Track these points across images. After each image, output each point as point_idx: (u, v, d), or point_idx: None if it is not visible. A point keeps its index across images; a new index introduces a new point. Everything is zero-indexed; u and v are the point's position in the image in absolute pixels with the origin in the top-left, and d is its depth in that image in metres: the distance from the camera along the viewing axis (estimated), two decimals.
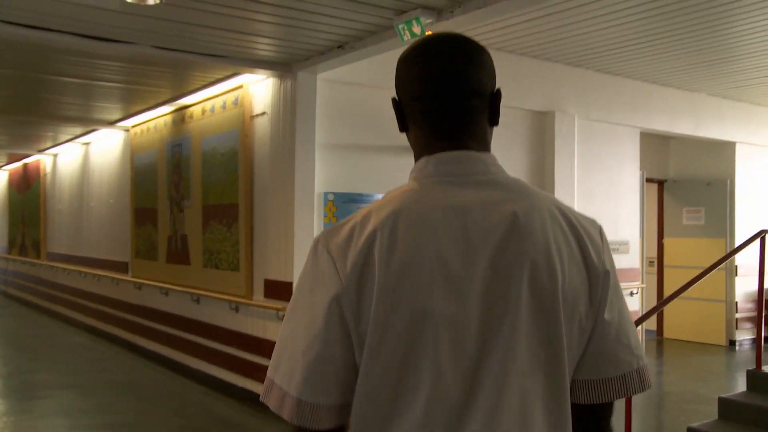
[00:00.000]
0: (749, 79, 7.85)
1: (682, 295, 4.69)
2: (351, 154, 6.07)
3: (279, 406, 1.07)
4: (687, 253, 9.40)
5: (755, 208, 9.44)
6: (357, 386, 1.05)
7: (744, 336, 9.34)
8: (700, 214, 9.37)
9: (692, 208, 9.45)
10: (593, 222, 1.17)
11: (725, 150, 9.21)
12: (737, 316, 9.19)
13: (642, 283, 8.23)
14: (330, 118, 5.95)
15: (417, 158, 1.17)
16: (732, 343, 9.20)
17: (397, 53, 1.27)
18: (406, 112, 1.18)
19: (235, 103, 6.53)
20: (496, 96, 1.17)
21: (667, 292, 9.24)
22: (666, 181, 9.77)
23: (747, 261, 9.26)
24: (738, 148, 9.16)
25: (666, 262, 9.68)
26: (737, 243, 9.14)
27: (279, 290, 5.96)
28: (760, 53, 6.72)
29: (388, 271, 1.02)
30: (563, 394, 1.08)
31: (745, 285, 9.28)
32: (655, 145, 9.38)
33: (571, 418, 1.09)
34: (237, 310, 6.51)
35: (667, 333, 9.77)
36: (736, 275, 9.13)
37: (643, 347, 1.23)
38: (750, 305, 9.36)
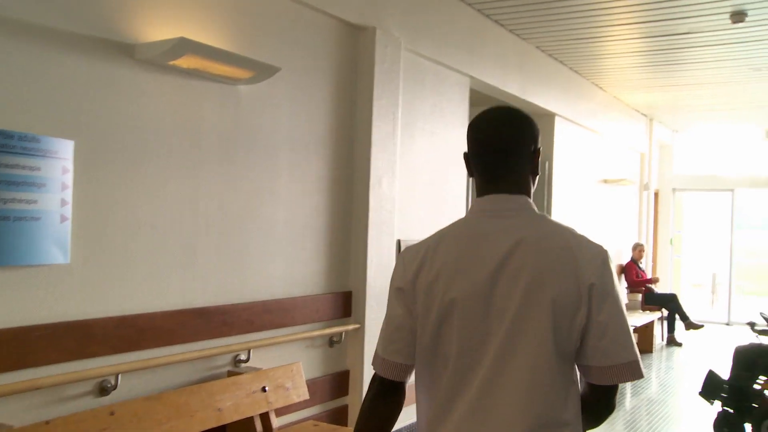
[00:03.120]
0: (575, 29, 6.02)
1: None
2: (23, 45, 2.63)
3: (375, 365, 1.69)
4: None
5: (570, 199, 7.76)
6: (416, 352, 1.65)
7: None
8: None
9: None
10: (597, 248, 1.59)
11: (543, 123, 7.31)
12: None
13: None
14: None
15: (476, 197, 1.70)
16: None
17: None
18: (471, 164, 1.71)
19: None
20: (535, 153, 1.67)
21: None
22: None
23: None
24: (557, 123, 7.35)
25: None
26: None
27: None
28: None
29: (430, 274, 1.61)
30: (548, 370, 1.52)
31: None
32: None
33: (555, 391, 1.53)
34: None
35: None
36: None
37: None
38: None
